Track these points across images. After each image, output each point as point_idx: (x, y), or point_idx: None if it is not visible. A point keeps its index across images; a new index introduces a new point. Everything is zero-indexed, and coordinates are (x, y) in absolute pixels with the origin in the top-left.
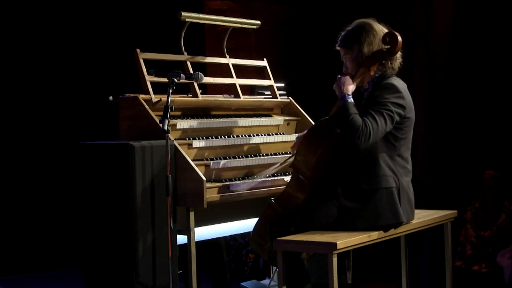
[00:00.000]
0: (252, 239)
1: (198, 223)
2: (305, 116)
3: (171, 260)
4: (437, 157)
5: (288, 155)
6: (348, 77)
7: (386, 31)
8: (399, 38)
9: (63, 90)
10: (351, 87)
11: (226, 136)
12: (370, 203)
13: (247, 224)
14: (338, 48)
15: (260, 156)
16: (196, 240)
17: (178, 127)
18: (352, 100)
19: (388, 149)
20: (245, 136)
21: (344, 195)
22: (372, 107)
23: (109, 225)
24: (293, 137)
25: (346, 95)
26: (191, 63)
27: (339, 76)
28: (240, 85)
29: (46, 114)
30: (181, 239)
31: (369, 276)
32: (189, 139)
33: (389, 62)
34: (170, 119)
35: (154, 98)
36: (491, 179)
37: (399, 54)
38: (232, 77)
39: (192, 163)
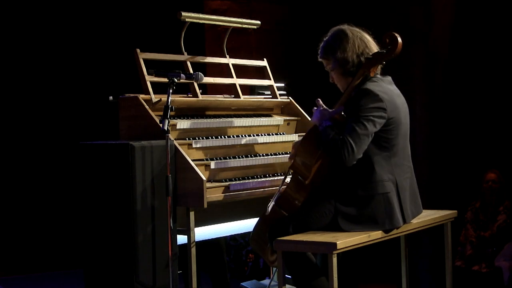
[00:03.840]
0: (251, 239)
1: (198, 223)
2: (305, 116)
3: (171, 260)
4: (437, 157)
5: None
6: (323, 108)
7: (363, 34)
8: (399, 39)
9: (63, 90)
10: (326, 112)
11: (226, 136)
12: (366, 209)
13: (247, 224)
14: (320, 59)
15: (260, 156)
16: (196, 240)
17: (178, 127)
18: (330, 123)
19: (382, 152)
20: (245, 136)
21: (340, 200)
22: (350, 118)
23: (109, 225)
24: (293, 137)
25: (323, 122)
26: (191, 63)
27: (314, 109)
28: (240, 85)
29: (46, 114)
30: (181, 239)
31: (369, 276)
32: (189, 139)
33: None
34: (170, 119)
35: (154, 98)
36: (491, 179)
37: None
38: (232, 77)
39: (192, 163)
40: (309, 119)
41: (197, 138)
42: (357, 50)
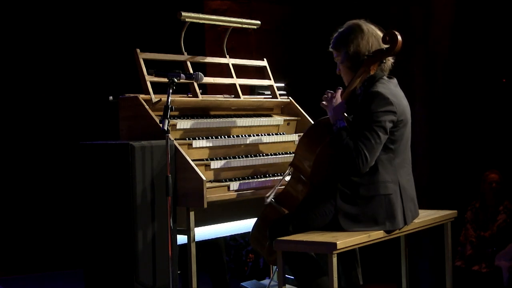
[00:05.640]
0: (251, 237)
1: (198, 223)
2: (305, 116)
3: (171, 260)
4: (437, 157)
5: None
6: (340, 103)
7: (377, 32)
8: (399, 37)
9: (63, 90)
10: (341, 108)
11: (226, 136)
12: (367, 209)
13: (247, 224)
14: (330, 49)
15: (260, 156)
16: (196, 240)
17: (178, 127)
18: (344, 124)
19: (386, 153)
20: (245, 136)
21: (342, 198)
22: (362, 124)
23: (109, 225)
24: (293, 137)
25: (337, 121)
26: (191, 63)
27: (331, 97)
28: (240, 85)
29: (46, 114)
30: (181, 239)
31: (369, 276)
32: (189, 139)
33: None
34: (170, 119)
35: (154, 98)
36: (491, 179)
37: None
38: (232, 77)
39: (192, 163)
40: (309, 119)
41: (197, 138)
42: (370, 47)
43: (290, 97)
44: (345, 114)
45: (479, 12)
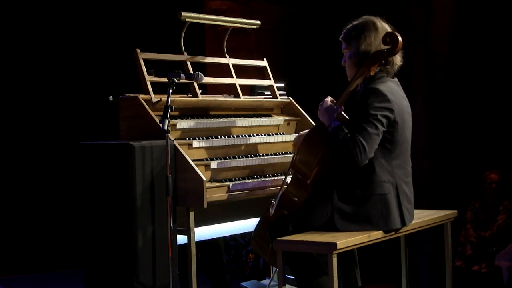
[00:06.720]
0: (252, 240)
1: (198, 223)
2: (305, 116)
3: (171, 260)
4: (437, 157)
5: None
6: (330, 105)
7: (389, 31)
8: (400, 38)
9: (63, 90)
10: (334, 114)
11: (226, 136)
12: (363, 208)
13: (247, 224)
14: (340, 39)
15: (260, 156)
16: (196, 240)
17: (178, 127)
18: (339, 123)
19: (384, 153)
20: (245, 136)
21: (339, 197)
22: (359, 118)
23: (109, 225)
24: (293, 137)
25: (331, 122)
26: (191, 63)
27: (321, 103)
28: (240, 85)
29: (46, 114)
30: (181, 239)
31: (369, 276)
32: (189, 139)
33: (387, 65)
34: (170, 119)
35: (154, 98)
36: (491, 179)
37: (398, 60)
38: (232, 77)
39: (192, 163)
40: (309, 119)
41: (197, 138)
42: (379, 47)
43: (290, 97)
44: (344, 114)
45: (479, 12)
